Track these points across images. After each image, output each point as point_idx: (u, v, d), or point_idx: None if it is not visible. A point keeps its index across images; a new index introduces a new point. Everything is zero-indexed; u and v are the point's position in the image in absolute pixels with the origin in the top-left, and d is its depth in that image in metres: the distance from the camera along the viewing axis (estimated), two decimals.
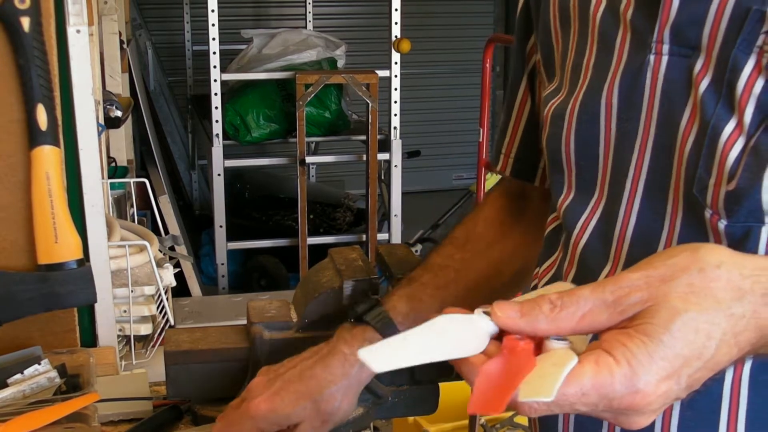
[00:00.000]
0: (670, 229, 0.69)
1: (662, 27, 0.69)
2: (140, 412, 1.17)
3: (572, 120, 0.77)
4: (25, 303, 1.15)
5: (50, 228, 1.14)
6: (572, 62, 0.78)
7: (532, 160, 0.94)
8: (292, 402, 0.85)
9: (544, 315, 0.52)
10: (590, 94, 0.75)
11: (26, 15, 1.10)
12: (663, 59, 0.69)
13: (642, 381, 0.49)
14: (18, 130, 1.14)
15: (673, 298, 0.50)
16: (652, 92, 0.70)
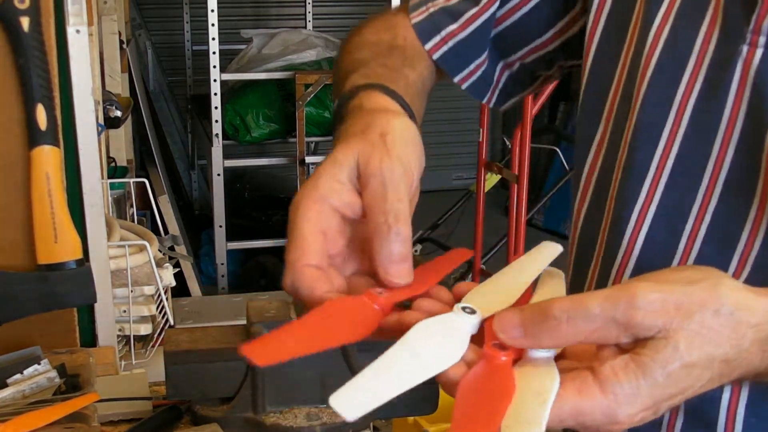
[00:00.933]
0: (753, 230, 0.66)
1: (761, 19, 0.65)
2: (140, 412, 1.17)
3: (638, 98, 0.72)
4: (24, 303, 1.15)
5: (50, 228, 1.14)
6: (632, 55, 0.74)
7: (465, 58, 0.88)
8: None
9: (548, 332, 0.48)
10: (662, 77, 0.71)
11: (26, 15, 1.10)
12: (757, 52, 0.65)
13: (623, 414, 0.48)
14: (18, 130, 1.14)
15: (681, 337, 0.48)
16: (742, 86, 0.66)
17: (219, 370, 1.11)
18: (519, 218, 3.08)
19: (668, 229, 0.70)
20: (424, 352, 0.50)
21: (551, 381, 0.48)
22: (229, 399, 1.14)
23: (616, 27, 0.78)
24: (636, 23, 0.75)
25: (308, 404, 1.14)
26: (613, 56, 0.77)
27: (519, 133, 2.79)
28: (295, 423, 1.11)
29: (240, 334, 1.14)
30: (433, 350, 0.50)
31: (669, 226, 0.70)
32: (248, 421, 1.12)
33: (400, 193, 0.56)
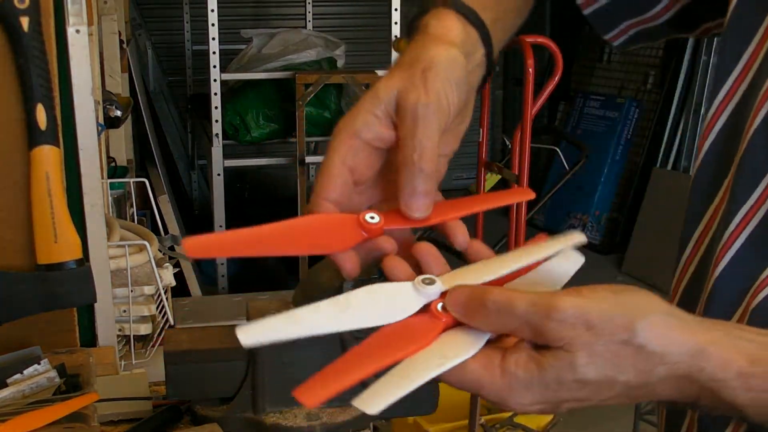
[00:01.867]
0: None
1: None
2: (140, 412, 1.17)
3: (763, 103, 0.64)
4: (24, 303, 1.15)
5: (50, 228, 1.14)
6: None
7: (612, 11, 0.83)
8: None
9: (479, 317, 0.53)
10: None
11: (26, 15, 1.10)
12: None
13: (512, 400, 0.52)
14: (18, 130, 1.14)
15: (582, 354, 0.50)
16: None
17: (219, 370, 1.11)
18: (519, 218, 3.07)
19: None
20: (354, 309, 0.54)
21: (465, 352, 0.52)
22: (229, 399, 1.13)
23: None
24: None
25: None
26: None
27: (519, 133, 2.79)
28: (295, 423, 1.11)
29: None
30: (366, 308, 0.54)
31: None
32: (248, 421, 1.12)
33: (429, 131, 0.58)
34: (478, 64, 0.68)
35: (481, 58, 0.68)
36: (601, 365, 0.50)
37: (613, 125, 5.44)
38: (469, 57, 0.66)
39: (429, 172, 0.58)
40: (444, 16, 0.67)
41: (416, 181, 0.58)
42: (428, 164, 0.58)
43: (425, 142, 0.58)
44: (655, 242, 4.84)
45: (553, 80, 2.78)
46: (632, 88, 5.44)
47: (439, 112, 0.59)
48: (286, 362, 1.11)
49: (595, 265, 5.23)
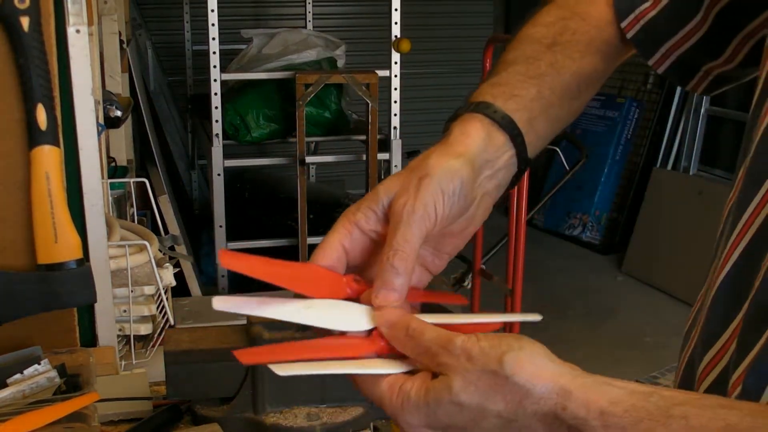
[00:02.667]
0: None
1: None
2: (140, 412, 1.17)
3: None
4: (25, 303, 1.15)
5: (50, 228, 1.14)
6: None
7: (659, 36, 0.85)
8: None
9: (397, 339, 0.61)
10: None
11: (26, 15, 1.10)
12: None
13: (402, 419, 0.59)
14: (18, 130, 1.14)
15: (457, 379, 0.56)
16: None
17: (219, 370, 1.11)
18: (519, 218, 3.08)
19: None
20: (316, 310, 0.63)
21: (382, 369, 0.61)
22: (229, 399, 1.14)
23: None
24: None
25: (308, 404, 1.14)
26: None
27: None
28: (295, 423, 1.11)
29: (240, 334, 1.14)
30: (325, 312, 0.64)
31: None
32: (248, 421, 1.12)
33: (409, 235, 0.65)
34: (503, 167, 0.73)
35: (509, 159, 0.74)
36: (473, 391, 0.56)
37: (613, 125, 5.44)
38: (487, 164, 0.71)
39: (401, 270, 0.64)
40: (469, 123, 0.73)
41: (386, 275, 0.64)
42: (401, 263, 0.64)
43: (402, 244, 0.64)
44: (655, 242, 4.84)
45: None
46: (632, 88, 5.44)
47: (424, 220, 0.65)
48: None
49: (595, 265, 5.23)
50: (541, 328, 4.51)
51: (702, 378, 0.70)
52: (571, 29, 0.84)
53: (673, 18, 0.84)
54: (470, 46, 5.89)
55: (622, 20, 0.85)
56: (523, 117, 0.75)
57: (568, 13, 0.86)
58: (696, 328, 0.73)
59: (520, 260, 3.08)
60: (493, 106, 0.74)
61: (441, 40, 6.04)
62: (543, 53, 0.82)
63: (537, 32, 0.85)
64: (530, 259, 3.33)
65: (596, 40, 0.85)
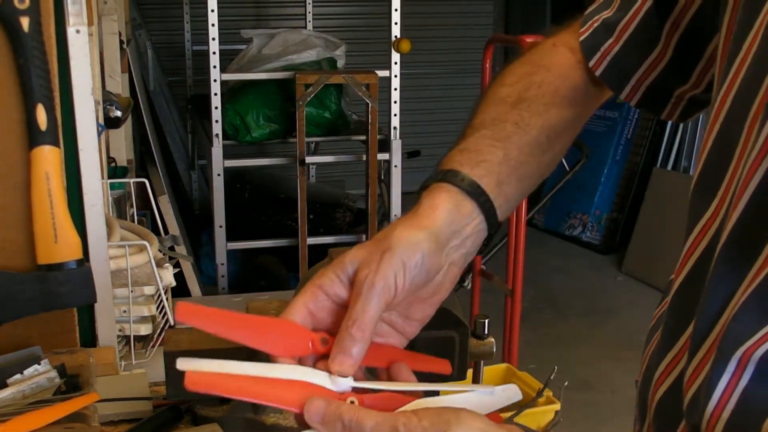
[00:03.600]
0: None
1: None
2: (140, 412, 1.17)
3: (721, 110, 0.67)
4: (25, 303, 1.15)
5: (50, 228, 1.14)
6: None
7: (626, 71, 0.87)
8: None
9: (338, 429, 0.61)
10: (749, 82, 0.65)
11: (26, 15, 1.10)
12: None
13: None
14: (18, 130, 1.14)
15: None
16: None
17: None
18: (519, 218, 3.08)
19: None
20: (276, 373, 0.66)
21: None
22: (229, 399, 1.13)
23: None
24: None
25: None
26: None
27: None
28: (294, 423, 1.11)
29: None
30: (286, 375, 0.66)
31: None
32: (248, 421, 1.12)
33: (367, 306, 0.67)
34: (471, 234, 0.76)
35: (477, 226, 0.76)
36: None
37: (613, 125, 5.44)
38: (454, 234, 0.74)
39: (357, 339, 0.67)
40: (436, 194, 0.76)
41: (344, 342, 0.67)
42: (358, 333, 0.67)
43: (361, 315, 0.67)
44: (655, 242, 4.84)
45: None
46: None
47: (384, 293, 0.68)
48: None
49: (595, 265, 5.23)
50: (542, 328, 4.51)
51: (657, 386, 0.72)
52: (536, 83, 0.87)
53: (636, 50, 0.86)
54: (470, 46, 5.89)
55: (589, 59, 0.88)
56: (491, 182, 0.78)
57: (532, 67, 0.89)
58: (657, 332, 0.76)
59: (520, 260, 3.08)
60: (460, 173, 0.77)
61: (441, 40, 6.04)
62: (508, 113, 0.84)
63: (502, 92, 0.87)
64: (530, 259, 3.33)
65: (561, 88, 0.87)
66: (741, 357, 0.61)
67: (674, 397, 0.69)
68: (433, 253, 0.71)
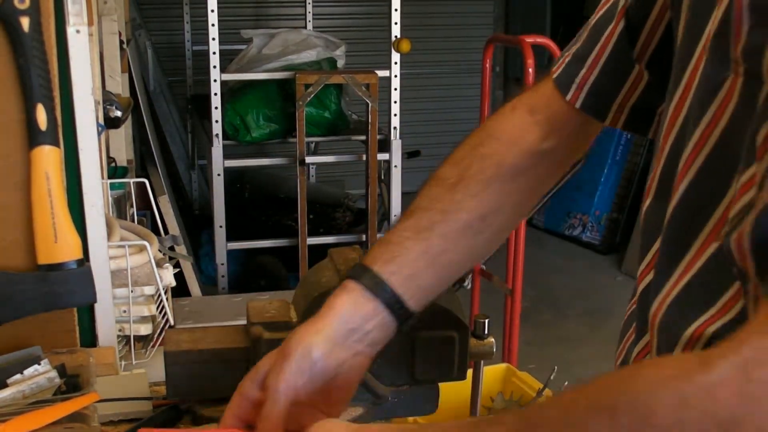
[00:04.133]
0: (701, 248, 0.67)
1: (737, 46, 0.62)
2: (140, 412, 1.17)
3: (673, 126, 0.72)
4: (25, 303, 1.15)
5: (50, 228, 1.14)
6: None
7: (606, 97, 0.89)
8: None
9: None
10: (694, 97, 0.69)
11: (26, 15, 1.10)
12: (738, 81, 0.63)
13: None
14: (18, 130, 1.14)
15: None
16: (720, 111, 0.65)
17: (219, 370, 1.11)
18: None
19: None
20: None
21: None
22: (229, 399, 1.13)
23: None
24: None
25: None
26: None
27: None
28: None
29: (240, 334, 1.14)
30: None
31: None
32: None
33: (273, 406, 0.80)
34: (373, 329, 0.84)
35: (380, 321, 0.84)
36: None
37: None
38: (352, 332, 0.83)
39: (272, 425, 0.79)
40: (339, 294, 0.85)
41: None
42: (268, 427, 0.79)
43: (268, 415, 0.80)
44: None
45: None
46: None
47: (286, 393, 0.79)
48: None
49: (595, 265, 5.23)
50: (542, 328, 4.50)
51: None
52: (480, 156, 0.90)
53: (613, 75, 0.88)
54: (470, 46, 5.88)
55: (566, 94, 0.89)
56: (400, 277, 0.85)
57: (483, 137, 0.92)
58: (632, 327, 0.80)
59: (520, 260, 3.08)
60: (370, 270, 0.85)
61: (441, 40, 6.04)
62: (442, 197, 0.89)
63: (444, 172, 0.91)
64: (530, 259, 3.33)
65: (507, 158, 0.90)
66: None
67: None
68: (328, 352, 0.82)
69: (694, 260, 0.67)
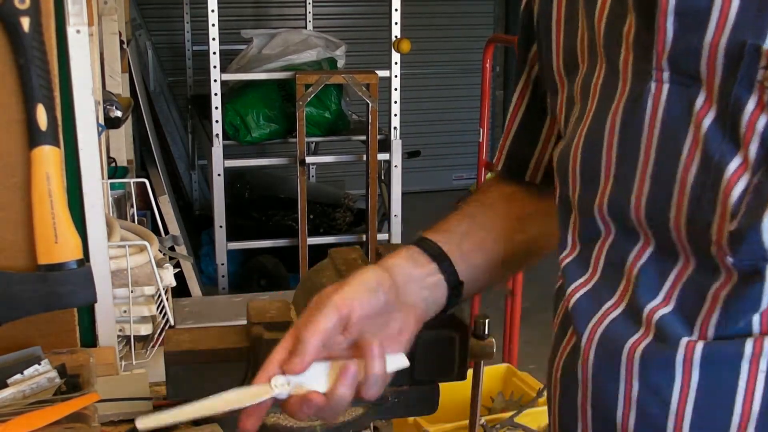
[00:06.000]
0: (684, 263, 0.69)
1: (659, 55, 0.66)
2: (140, 412, 1.17)
3: (579, 143, 0.75)
4: (25, 303, 1.15)
5: (50, 228, 1.14)
6: (582, 81, 0.76)
7: (521, 157, 0.94)
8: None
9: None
10: (596, 118, 0.73)
11: (26, 15, 1.10)
12: (664, 88, 0.67)
13: None
14: (18, 130, 1.14)
15: None
16: (652, 121, 0.68)
17: (219, 370, 1.11)
18: None
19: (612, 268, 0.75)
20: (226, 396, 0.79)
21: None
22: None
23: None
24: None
25: None
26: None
27: None
28: (295, 423, 1.11)
29: (240, 334, 1.14)
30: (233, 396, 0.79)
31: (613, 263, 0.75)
32: None
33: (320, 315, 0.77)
34: (429, 286, 0.84)
35: (436, 281, 0.85)
36: None
37: None
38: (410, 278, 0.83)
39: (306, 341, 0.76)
40: (399, 250, 0.87)
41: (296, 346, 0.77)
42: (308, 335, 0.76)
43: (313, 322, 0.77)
44: None
45: None
46: None
47: (339, 306, 0.76)
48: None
49: None
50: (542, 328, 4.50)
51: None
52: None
53: (528, 131, 0.94)
54: (470, 46, 5.88)
55: (496, 163, 0.97)
56: (452, 247, 0.87)
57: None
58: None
59: None
60: (425, 239, 0.88)
61: (441, 40, 6.04)
62: (475, 199, 0.98)
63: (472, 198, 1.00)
64: None
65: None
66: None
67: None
68: (388, 285, 0.80)
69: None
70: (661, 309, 0.69)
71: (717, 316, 0.67)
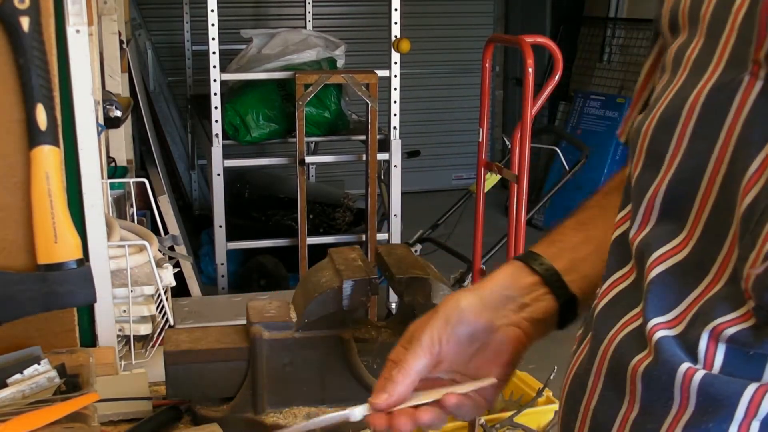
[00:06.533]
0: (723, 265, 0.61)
1: (758, 48, 0.58)
2: (140, 412, 1.17)
3: (654, 119, 0.67)
4: (25, 303, 1.15)
5: (50, 228, 1.14)
6: (676, 49, 0.68)
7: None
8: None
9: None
10: (678, 95, 0.65)
11: (26, 15, 1.10)
12: (757, 84, 0.58)
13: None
14: (18, 130, 1.14)
15: None
16: (736, 118, 0.59)
17: (219, 370, 1.11)
18: (519, 218, 3.07)
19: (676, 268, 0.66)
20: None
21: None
22: (229, 399, 1.14)
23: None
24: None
25: (308, 404, 1.14)
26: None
27: (519, 133, 2.79)
28: (295, 423, 1.11)
29: (240, 334, 1.14)
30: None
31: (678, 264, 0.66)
32: (248, 421, 1.12)
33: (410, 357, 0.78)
34: (532, 303, 0.83)
35: (540, 296, 0.83)
36: None
37: (613, 125, 5.44)
38: (509, 299, 0.82)
39: (395, 380, 0.78)
40: (503, 267, 0.85)
41: (383, 383, 0.79)
42: (398, 375, 0.78)
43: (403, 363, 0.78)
44: None
45: (553, 80, 2.78)
46: (632, 88, 5.40)
47: (428, 345, 0.78)
48: (285, 362, 1.11)
49: None
50: None
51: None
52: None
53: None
54: (470, 46, 5.89)
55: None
56: (561, 261, 0.85)
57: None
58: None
59: None
60: (533, 253, 0.86)
61: (441, 40, 6.04)
62: (600, 198, 0.92)
63: (603, 188, 0.95)
64: None
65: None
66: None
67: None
68: (477, 311, 0.80)
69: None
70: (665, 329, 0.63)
71: (725, 349, 0.60)
